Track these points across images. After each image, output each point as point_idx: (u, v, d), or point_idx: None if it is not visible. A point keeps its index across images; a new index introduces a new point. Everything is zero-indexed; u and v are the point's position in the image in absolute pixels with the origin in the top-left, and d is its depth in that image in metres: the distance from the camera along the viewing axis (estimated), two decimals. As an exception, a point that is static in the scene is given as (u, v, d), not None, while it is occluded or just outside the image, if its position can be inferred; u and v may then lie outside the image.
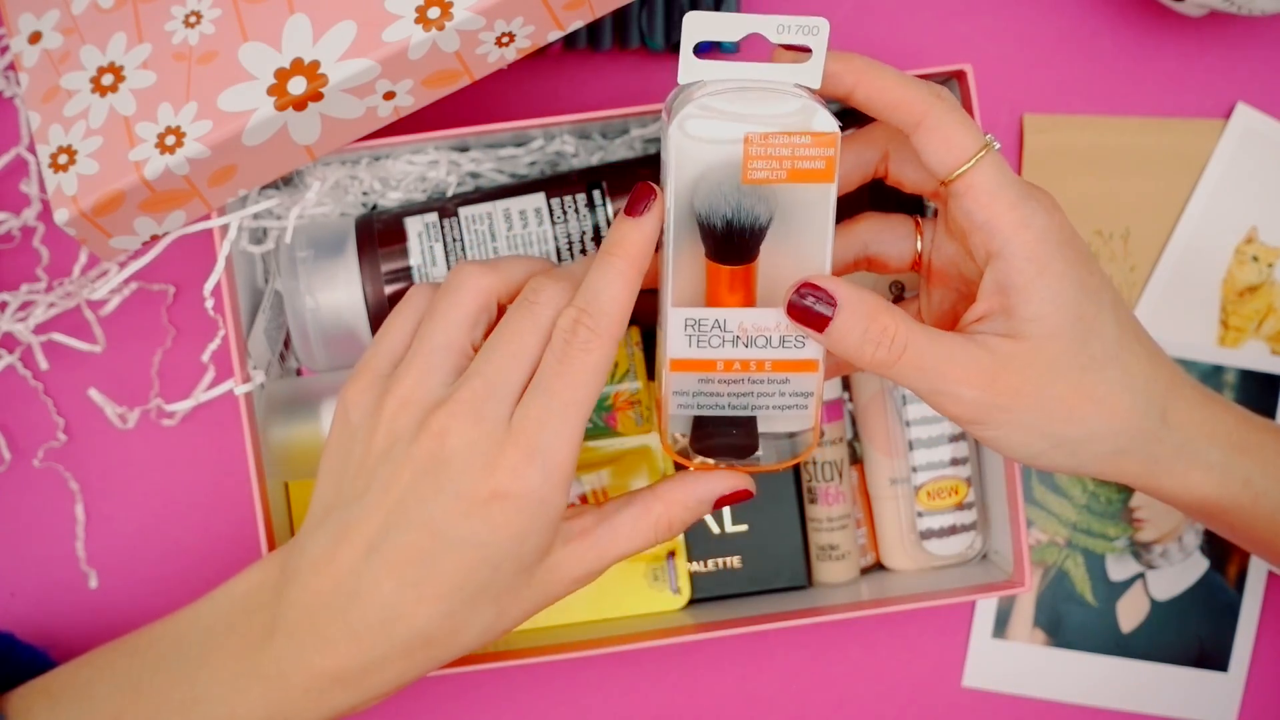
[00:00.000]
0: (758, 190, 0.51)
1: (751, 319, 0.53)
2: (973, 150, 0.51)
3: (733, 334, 0.53)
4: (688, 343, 0.53)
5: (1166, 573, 0.71)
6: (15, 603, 0.68)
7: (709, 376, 0.54)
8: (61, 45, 0.59)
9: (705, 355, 0.53)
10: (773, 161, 0.51)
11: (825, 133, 0.51)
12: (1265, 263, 0.71)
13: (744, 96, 0.51)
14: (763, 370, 0.54)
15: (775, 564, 0.65)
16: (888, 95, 0.52)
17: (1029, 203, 0.51)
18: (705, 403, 0.54)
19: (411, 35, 0.55)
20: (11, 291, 0.67)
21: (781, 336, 0.53)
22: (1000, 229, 0.51)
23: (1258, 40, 0.71)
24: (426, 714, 0.69)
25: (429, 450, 0.50)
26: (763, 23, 0.51)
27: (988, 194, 0.51)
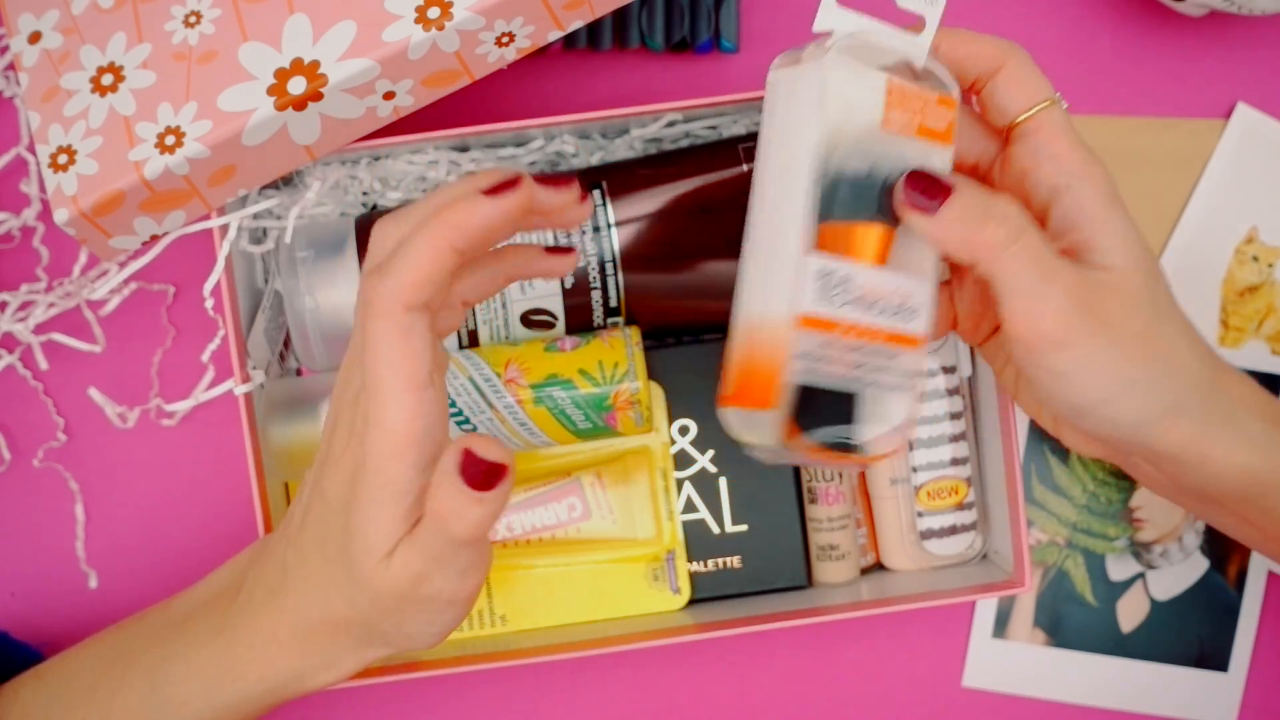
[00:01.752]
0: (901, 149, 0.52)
1: (873, 279, 0.51)
2: (1047, 96, 0.54)
3: (856, 294, 0.51)
4: (818, 295, 0.50)
5: (1166, 573, 0.71)
6: (15, 602, 0.68)
7: (832, 339, 0.50)
8: (61, 45, 0.59)
9: (832, 315, 0.50)
10: (907, 114, 0.52)
11: (949, 97, 0.53)
12: (1265, 263, 0.71)
13: (876, 48, 0.52)
14: (876, 340, 0.51)
15: (775, 564, 0.65)
16: (968, 47, 0.54)
17: (1091, 153, 0.53)
18: (824, 369, 0.50)
19: (411, 35, 0.55)
20: (11, 291, 0.67)
21: (899, 304, 0.51)
22: (1070, 163, 0.53)
23: (1258, 40, 0.71)
24: (426, 714, 0.69)
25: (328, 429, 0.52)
26: None
27: (1060, 131, 0.53)
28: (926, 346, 0.53)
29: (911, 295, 0.52)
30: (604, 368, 0.61)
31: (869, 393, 0.52)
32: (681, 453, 0.65)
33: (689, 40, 0.68)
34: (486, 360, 0.61)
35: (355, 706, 0.69)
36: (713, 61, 0.70)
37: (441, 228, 0.48)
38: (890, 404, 0.53)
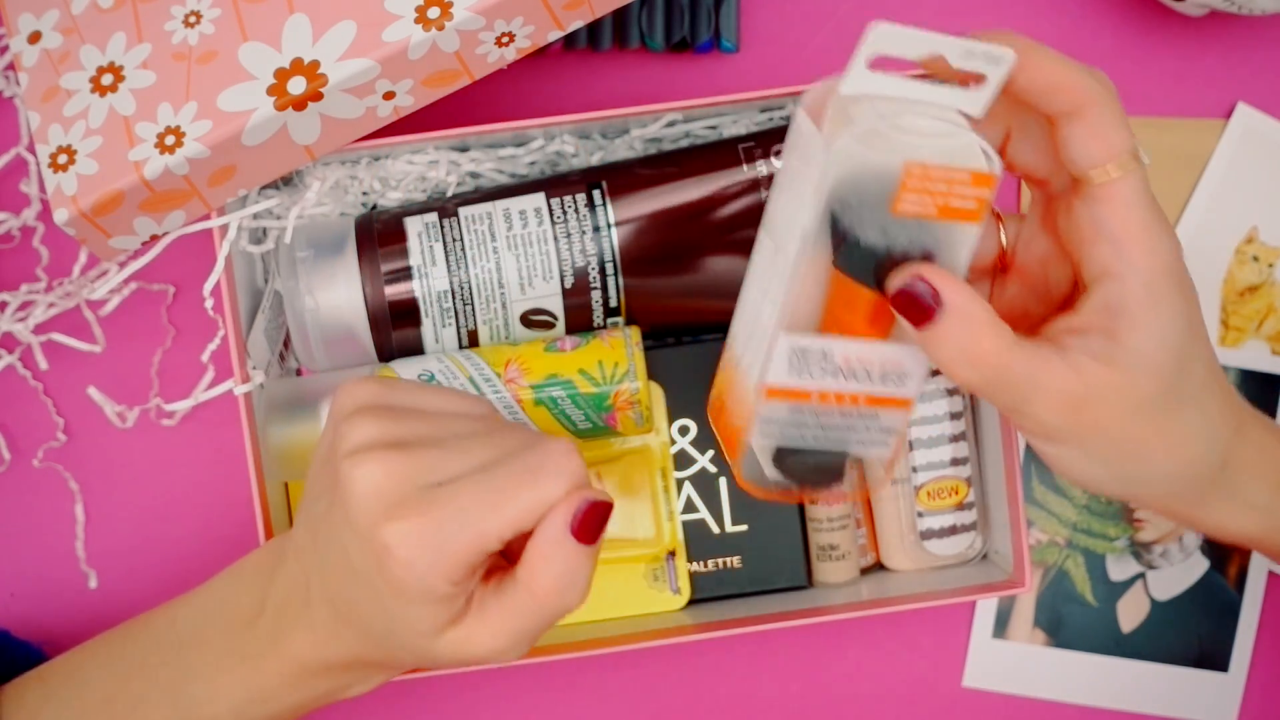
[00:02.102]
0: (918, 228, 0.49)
1: (857, 351, 0.50)
2: (1125, 152, 0.48)
3: (835, 365, 0.51)
4: (788, 370, 0.50)
5: (1167, 573, 0.71)
6: (15, 603, 0.68)
7: (801, 406, 0.51)
8: (61, 45, 0.59)
9: (804, 385, 0.51)
10: (925, 196, 0.48)
11: (987, 174, 0.48)
12: (1265, 263, 0.71)
13: (906, 116, 0.47)
14: (856, 404, 0.51)
15: (775, 564, 0.65)
16: (1050, 77, 0.48)
17: (1161, 227, 0.48)
18: (791, 433, 0.52)
19: (411, 35, 0.55)
20: (11, 291, 0.67)
21: (883, 373, 0.51)
22: (1129, 249, 0.48)
23: (1258, 40, 0.71)
24: (427, 714, 0.69)
25: (352, 478, 0.48)
26: (949, 45, 0.47)
27: (1127, 207, 0.48)
28: (914, 407, 0.52)
29: (901, 363, 0.51)
30: (604, 368, 0.61)
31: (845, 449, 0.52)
32: (681, 453, 0.65)
33: (689, 40, 0.68)
34: (486, 360, 0.61)
35: (355, 706, 0.69)
36: (713, 61, 0.70)
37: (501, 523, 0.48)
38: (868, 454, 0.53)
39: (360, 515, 0.48)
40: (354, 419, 0.50)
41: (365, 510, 0.48)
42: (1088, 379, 0.48)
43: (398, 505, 0.48)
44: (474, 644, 0.50)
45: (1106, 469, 0.50)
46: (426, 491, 0.48)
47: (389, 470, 0.48)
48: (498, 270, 0.61)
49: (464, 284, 0.61)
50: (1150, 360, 0.48)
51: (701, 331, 0.65)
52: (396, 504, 0.48)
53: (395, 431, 0.49)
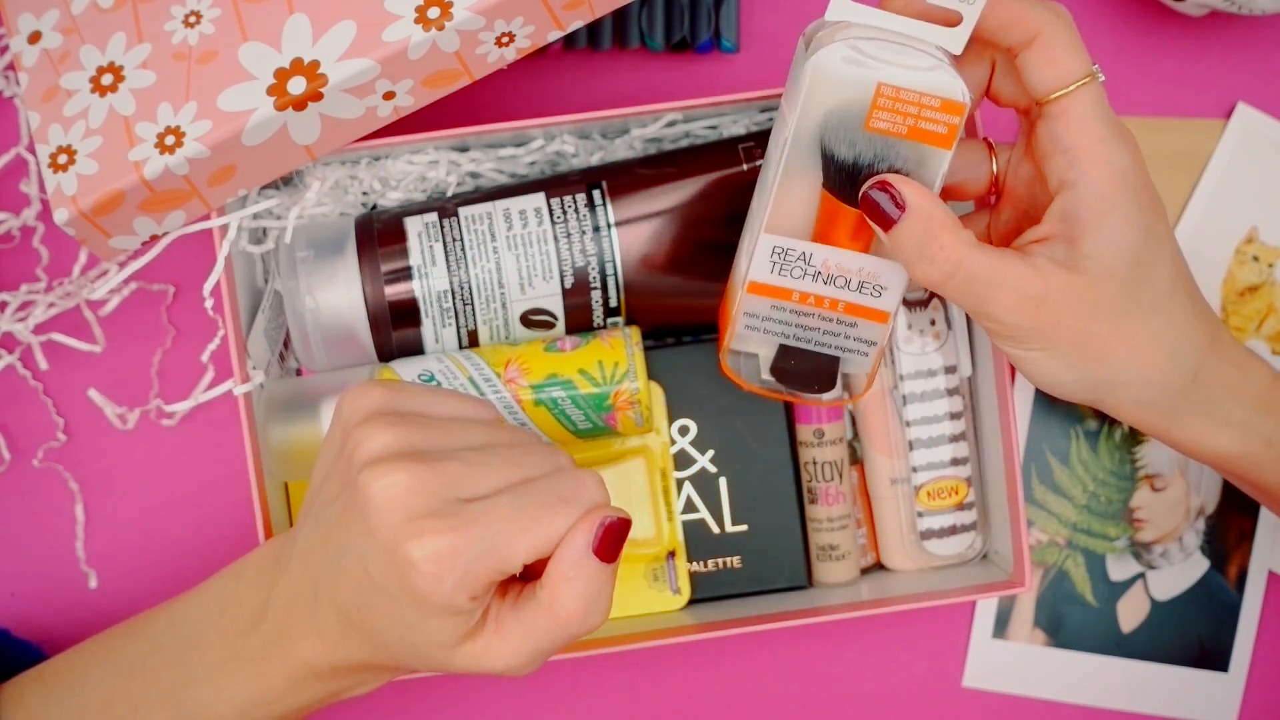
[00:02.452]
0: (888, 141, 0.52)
1: (836, 258, 0.54)
2: (1077, 75, 0.51)
3: (815, 269, 0.55)
4: (770, 268, 0.54)
5: (1167, 573, 0.71)
6: (15, 603, 0.68)
7: (782, 304, 0.55)
8: (61, 45, 0.59)
9: (784, 284, 0.55)
10: (897, 115, 0.52)
11: (956, 101, 0.52)
12: (1265, 263, 0.71)
13: (886, 46, 0.51)
14: (835, 309, 0.55)
15: (775, 564, 0.65)
16: (1006, 13, 0.52)
17: (1116, 140, 0.52)
18: (772, 329, 0.56)
19: (411, 35, 0.55)
20: (11, 291, 0.67)
21: (861, 281, 0.55)
22: (1081, 159, 0.51)
23: (1258, 40, 0.71)
24: (427, 714, 0.69)
25: (374, 489, 0.48)
26: None
27: (1080, 121, 0.51)
28: (893, 320, 0.56)
29: (880, 275, 0.55)
30: (604, 368, 0.61)
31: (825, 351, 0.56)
32: (681, 453, 0.65)
33: (689, 40, 0.68)
34: (486, 360, 0.61)
35: (356, 706, 0.69)
36: (713, 61, 0.70)
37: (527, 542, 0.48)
38: (849, 365, 0.57)
39: (383, 526, 0.48)
40: (366, 426, 0.49)
41: (389, 522, 0.48)
42: (1048, 279, 0.51)
43: (424, 518, 0.47)
44: (491, 658, 0.50)
45: (1071, 371, 0.53)
46: (454, 507, 0.48)
47: (412, 482, 0.48)
48: (498, 270, 0.61)
49: (464, 284, 0.61)
50: (1106, 264, 0.51)
51: (701, 331, 0.65)
52: (421, 517, 0.47)
53: (411, 440, 0.49)
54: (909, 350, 0.65)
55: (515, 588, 0.51)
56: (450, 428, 0.51)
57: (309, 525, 0.52)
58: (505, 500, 0.48)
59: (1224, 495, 0.70)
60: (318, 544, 0.51)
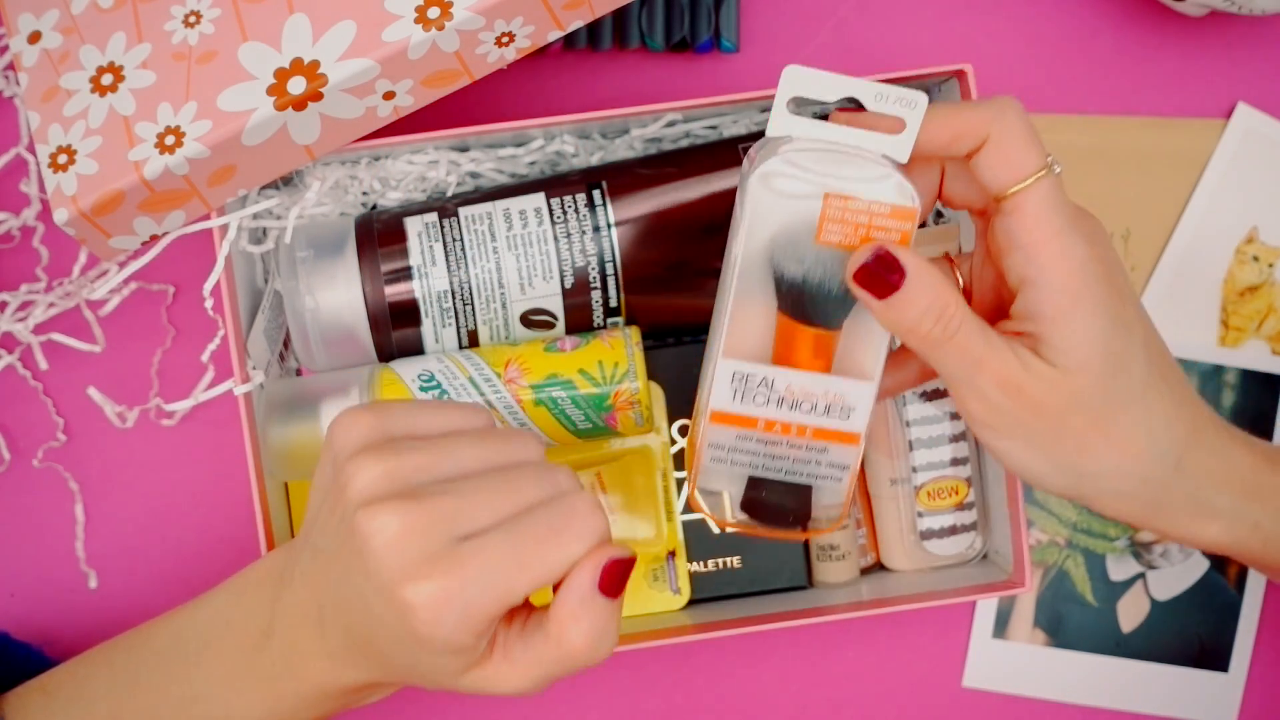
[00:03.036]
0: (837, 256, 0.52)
1: (799, 381, 0.53)
2: (1030, 170, 0.51)
3: (779, 394, 0.53)
4: (732, 395, 0.53)
5: (1167, 573, 0.71)
6: (15, 603, 0.68)
7: (748, 433, 0.54)
8: (61, 45, 0.59)
9: (748, 411, 0.54)
10: (848, 226, 0.51)
11: (906, 206, 0.51)
12: (1266, 263, 0.71)
13: (830, 158, 0.51)
14: (803, 435, 0.54)
15: (775, 564, 0.65)
16: (948, 129, 0.51)
17: (1073, 232, 0.51)
18: (739, 460, 0.55)
19: (411, 35, 0.55)
20: (11, 291, 0.67)
21: (827, 405, 0.53)
22: (1038, 255, 0.51)
23: (1258, 40, 0.71)
24: (426, 713, 0.69)
25: (368, 532, 0.48)
26: (861, 88, 0.51)
27: (1034, 217, 0.51)
28: (863, 443, 0.55)
29: (845, 396, 0.54)
30: (604, 368, 0.61)
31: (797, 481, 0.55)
32: (681, 453, 0.65)
33: (689, 40, 0.68)
34: (486, 360, 0.61)
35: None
36: (713, 61, 0.70)
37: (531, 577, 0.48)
38: (821, 494, 0.55)
39: (380, 571, 0.47)
40: (356, 461, 0.49)
41: (385, 567, 0.47)
42: (1028, 364, 0.51)
43: (420, 563, 0.47)
44: (500, 683, 0.50)
45: (1049, 462, 0.53)
46: (449, 547, 0.47)
47: (405, 523, 0.47)
48: (498, 270, 0.61)
49: (464, 284, 0.61)
50: (1076, 356, 0.51)
51: (702, 331, 0.65)
52: (418, 562, 0.47)
53: (402, 472, 0.49)
54: (909, 350, 0.65)
55: (522, 614, 0.51)
56: (443, 449, 0.50)
57: (308, 554, 0.52)
58: (500, 538, 0.48)
59: (1224, 495, 0.70)
60: (319, 570, 0.51)
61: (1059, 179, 0.51)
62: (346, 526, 0.48)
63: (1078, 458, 0.52)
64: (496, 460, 0.51)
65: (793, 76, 0.50)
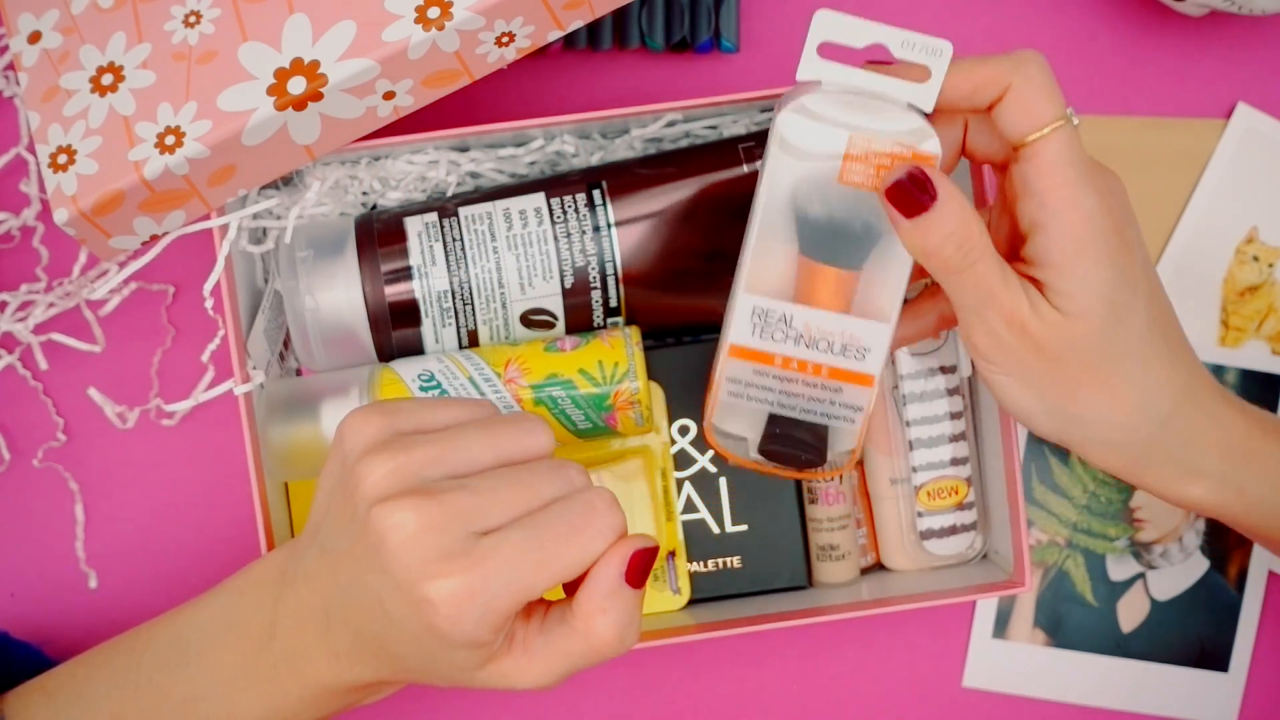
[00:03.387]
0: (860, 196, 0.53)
1: (817, 320, 0.54)
2: (1049, 119, 0.52)
3: (797, 331, 0.55)
4: (751, 330, 0.55)
5: (1167, 573, 0.71)
6: (15, 603, 0.68)
7: (765, 369, 0.55)
8: (61, 45, 0.59)
9: (765, 347, 0.55)
10: (870, 169, 0.53)
11: (928, 154, 0.53)
12: (1266, 263, 0.71)
13: (857, 103, 0.52)
14: (819, 374, 0.55)
15: (775, 564, 0.65)
16: (971, 80, 0.52)
17: (1084, 183, 0.52)
18: (756, 395, 0.56)
19: (411, 35, 0.55)
20: (11, 291, 0.67)
21: (844, 344, 0.55)
22: (1050, 202, 0.52)
23: (1258, 40, 0.71)
24: (426, 713, 0.69)
25: (384, 529, 0.48)
26: (889, 34, 0.52)
27: (1049, 164, 0.52)
28: (877, 385, 0.56)
29: (862, 338, 0.55)
30: (604, 368, 0.61)
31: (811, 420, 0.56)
32: (681, 453, 0.65)
33: (689, 40, 0.68)
34: (486, 360, 0.61)
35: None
36: (713, 61, 0.70)
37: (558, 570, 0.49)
38: (835, 435, 0.57)
39: (398, 568, 0.47)
40: (368, 459, 0.49)
41: (404, 564, 0.47)
42: (1035, 305, 0.52)
43: (439, 560, 0.47)
44: (519, 677, 0.50)
45: (1041, 402, 0.54)
46: (467, 544, 0.48)
47: (423, 520, 0.47)
48: (498, 270, 0.61)
49: (464, 284, 0.61)
50: (1079, 304, 0.52)
51: (701, 331, 0.65)
52: (438, 558, 0.47)
53: (415, 468, 0.49)
54: (909, 350, 0.65)
55: (540, 609, 0.51)
56: (452, 442, 0.50)
57: (314, 551, 0.51)
58: (519, 535, 0.48)
59: (1224, 495, 0.70)
60: (326, 570, 0.51)
61: (1076, 131, 0.52)
62: (359, 525, 0.48)
63: (1069, 403, 0.53)
64: (506, 450, 0.51)
65: (823, 21, 0.51)
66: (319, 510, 0.52)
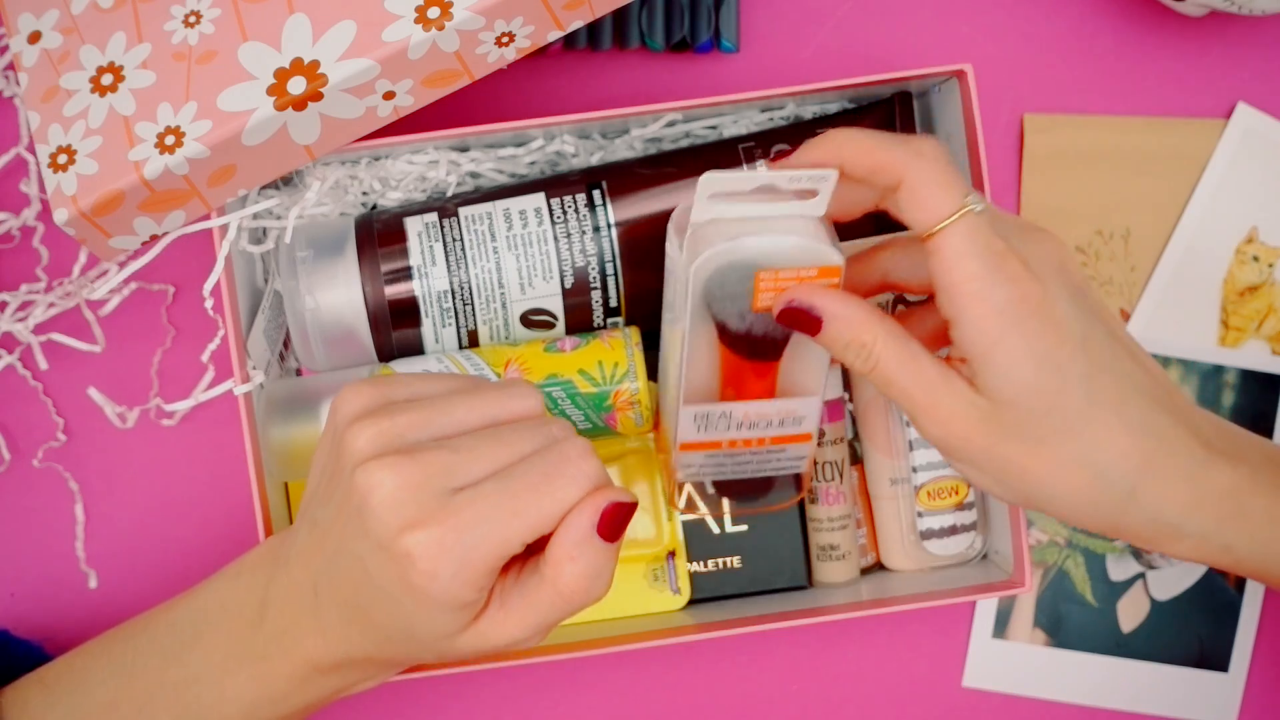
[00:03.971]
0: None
1: (754, 409, 0.58)
2: (946, 213, 0.51)
3: (737, 421, 0.58)
4: (696, 430, 0.58)
5: (1167, 573, 0.71)
6: (15, 603, 0.68)
7: (714, 453, 0.59)
8: (61, 45, 0.59)
9: (712, 438, 0.59)
10: (779, 294, 0.54)
11: (831, 265, 0.54)
12: (1266, 263, 0.71)
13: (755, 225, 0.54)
14: (763, 445, 0.59)
15: (775, 564, 0.65)
16: (868, 160, 0.52)
17: (992, 275, 0.51)
18: (709, 471, 0.60)
19: (411, 35, 0.55)
20: (11, 291, 0.67)
21: (780, 420, 0.58)
22: (957, 297, 0.51)
23: (1258, 40, 0.71)
24: (426, 714, 0.69)
25: (365, 488, 0.48)
26: (774, 176, 0.53)
27: (952, 259, 0.51)
28: (815, 436, 0.60)
29: (795, 410, 0.58)
30: (604, 368, 0.61)
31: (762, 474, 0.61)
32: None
33: (689, 40, 0.68)
34: (486, 360, 0.61)
35: (354, 707, 0.69)
36: (713, 61, 0.70)
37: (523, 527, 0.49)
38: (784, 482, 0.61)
39: (378, 526, 0.48)
40: (356, 426, 0.49)
41: (382, 521, 0.48)
42: (959, 395, 0.52)
43: (416, 514, 0.48)
44: (496, 635, 0.51)
45: (1000, 484, 0.53)
46: (444, 498, 0.48)
47: (402, 479, 0.48)
48: (498, 270, 0.61)
49: (464, 284, 0.61)
50: (1003, 393, 0.51)
51: (701, 331, 0.65)
52: (415, 513, 0.48)
53: (398, 430, 0.49)
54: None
55: (517, 563, 0.51)
56: (438, 407, 0.50)
57: (305, 526, 0.52)
58: (492, 486, 0.48)
59: (1224, 495, 0.70)
60: (315, 544, 0.51)
61: (982, 216, 0.51)
62: (344, 490, 0.49)
63: (1024, 484, 0.52)
64: (492, 413, 0.51)
65: (710, 180, 0.52)
66: (311, 484, 0.52)
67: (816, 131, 0.63)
